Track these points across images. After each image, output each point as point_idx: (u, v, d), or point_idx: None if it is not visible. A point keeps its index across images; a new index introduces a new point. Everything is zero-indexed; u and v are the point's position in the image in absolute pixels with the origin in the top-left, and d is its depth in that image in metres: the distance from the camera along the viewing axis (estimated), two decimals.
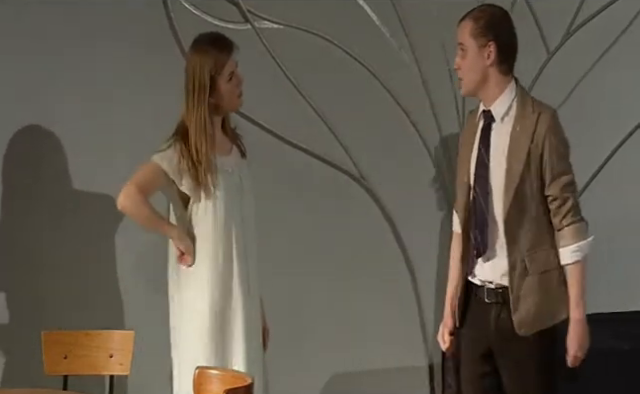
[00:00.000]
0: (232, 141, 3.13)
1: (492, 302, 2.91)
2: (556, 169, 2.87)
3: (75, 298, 3.67)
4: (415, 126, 3.98)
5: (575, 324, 2.86)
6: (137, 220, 3.06)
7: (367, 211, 3.96)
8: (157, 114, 3.72)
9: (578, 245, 2.87)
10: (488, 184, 2.90)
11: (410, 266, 4.00)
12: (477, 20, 2.91)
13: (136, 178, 3.01)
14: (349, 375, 3.93)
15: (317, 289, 3.88)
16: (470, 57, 2.90)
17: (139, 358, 3.31)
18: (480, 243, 2.90)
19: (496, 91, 2.91)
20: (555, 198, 2.87)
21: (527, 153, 2.85)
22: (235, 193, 3.07)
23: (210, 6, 3.75)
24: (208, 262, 3.04)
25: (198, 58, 3.02)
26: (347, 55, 3.88)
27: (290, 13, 3.81)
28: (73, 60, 3.67)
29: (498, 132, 2.91)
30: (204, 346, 3.02)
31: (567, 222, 2.87)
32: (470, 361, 2.99)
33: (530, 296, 2.87)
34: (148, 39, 3.71)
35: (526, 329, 2.87)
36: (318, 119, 3.89)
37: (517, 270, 2.87)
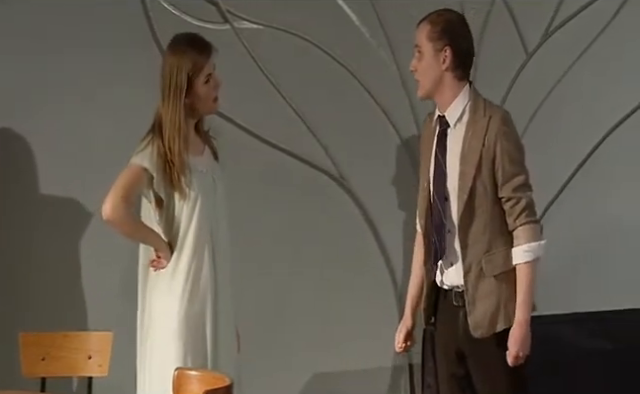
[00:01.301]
0: (205, 142, 3.10)
1: (459, 305, 2.91)
2: (508, 171, 2.86)
3: (53, 299, 3.63)
4: (394, 126, 3.97)
5: (518, 325, 2.84)
6: (123, 232, 3.01)
7: (346, 211, 3.95)
8: (136, 113, 3.68)
9: (529, 245, 2.86)
10: (445, 189, 2.90)
11: (390, 265, 3.99)
12: (434, 24, 2.91)
13: (119, 187, 2.95)
14: (329, 375, 3.91)
15: (297, 289, 3.87)
16: (426, 60, 2.91)
17: (118, 359, 3.29)
18: (438, 248, 2.90)
19: (450, 96, 2.91)
20: (508, 199, 2.87)
21: (479, 156, 2.85)
22: (209, 194, 3.04)
23: (189, 6, 3.72)
24: (180, 264, 3.00)
25: (176, 59, 2.99)
26: (326, 55, 3.87)
27: (269, 13, 3.79)
28: (51, 60, 3.64)
29: (453, 137, 2.91)
30: (174, 349, 2.98)
31: (520, 222, 2.86)
32: (444, 362, 2.99)
33: (486, 298, 2.86)
34: (127, 39, 3.68)
35: (482, 331, 2.87)
36: (297, 119, 3.88)
37: (472, 273, 2.87)
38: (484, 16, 4.01)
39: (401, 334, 3.08)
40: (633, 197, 4.10)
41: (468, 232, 2.87)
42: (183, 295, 2.99)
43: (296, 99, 3.86)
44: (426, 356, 3.04)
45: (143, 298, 3.06)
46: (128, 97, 3.67)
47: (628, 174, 4.11)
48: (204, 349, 3.02)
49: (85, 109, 3.67)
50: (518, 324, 2.85)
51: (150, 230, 3.02)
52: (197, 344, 3.00)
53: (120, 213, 2.93)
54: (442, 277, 2.94)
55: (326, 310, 3.90)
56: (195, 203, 3.00)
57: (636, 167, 4.12)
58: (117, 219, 2.94)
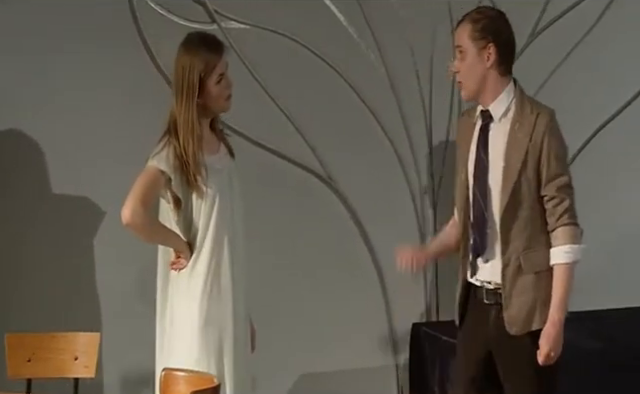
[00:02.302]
0: (220, 140, 3.09)
1: (491, 303, 2.87)
2: (553, 170, 2.84)
3: (39, 300, 3.60)
4: (382, 127, 3.96)
5: (552, 324, 2.81)
6: (144, 236, 2.98)
7: (335, 212, 3.93)
8: (123, 113, 3.68)
9: (571, 247, 2.83)
10: (487, 184, 2.87)
11: (377, 266, 3.98)
12: (476, 22, 2.87)
13: (137, 191, 2.92)
14: (317, 375, 3.90)
15: (284, 289, 3.85)
16: (469, 60, 2.87)
17: (104, 361, 3.27)
18: (479, 244, 2.87)
19: (494, 92, 2.87)
20: (551, 198, 2.84)
21: (525, 152, 2.82)
22: (226, 191, 3.03)
23: (176, 6, 3.70)
24: (199, 264, 2.99)
25: (188, 58, 2.96)
26: (314, 56, 3.86)
27: (257, 13, 3.77)
28: (36, 60, 3.61)
29: (496, 132, 2.88)
30: (196, 350, 2.96)
31: (562, 223, 2.83)
32: (465, 363, 2.96)
33: (523, 295, 2.83)
34: (113, 39, 3.65)
35: (517, 328, 2.83)
36: (285, 120, 3.86)
37: (510, 268, 2.83)
38: None
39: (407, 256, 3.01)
40: (622, 196, 4.11)
41: (510, 227, 2.83)
42: (203, 296, 2.97)
43: (284, 100, 3.84)
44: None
45: (164, 300, 3.03)
46: (114, 97, 3.65)
47: (615, 173, 4.11)
48: (225, 349, 2.99)
49: (72, 109, 3.64)
50: (552, 323, 2.81)
51: (169, 231, 3.00)
52: (218, 344, 2.98)
53: (140, 217, 2.90)
54: (475, 273, 2.90)
55: (314, 311, 3.88)
56: (213, 202, 2.98)
57: (624, 166, 4.13)
58: (137, 223, 2.92)
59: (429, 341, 3.80)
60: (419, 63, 3.97)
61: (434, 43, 3.97)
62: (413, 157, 4.01)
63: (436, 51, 3.97)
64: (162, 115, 3.63)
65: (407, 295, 3.99)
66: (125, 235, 3.53)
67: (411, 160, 4.01)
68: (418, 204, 4.03)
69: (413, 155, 4.01)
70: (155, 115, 3.66)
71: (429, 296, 4.04)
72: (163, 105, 3.66)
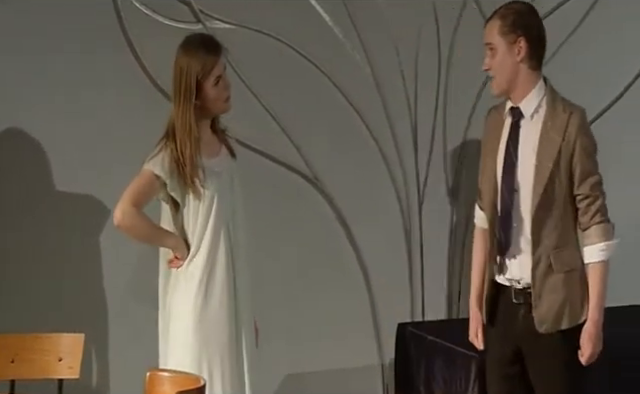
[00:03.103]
0: (221, 142, 3.09)
1: (520, 303, 2.87)
2: (586, 169, 2.83)
3: (23, 300, 3.57)
4: (367, 126, 3.95)
5: (593, 324, 2.81)
6: (136, 236, 3.01)
7: (320, 212, 3.92)
8: (108, 113, 3.65)
9: (606, 244, 2.83)
10: (515, 181, 2.85)
11: (363, 266, 3.97)
12: (505, 17, 2.86)
13: (130, 193, 2.94)
14: (303, 375, 3.88)
15: (270, 289, 3.83)
16: (500, 56, 2.86)
17: (89, 362, 3.25)
18: (503, 241, 2.86)
19: (526, 87, 2.87)
20: (585, 197, 2.84)
21: (558, 151, 2.82)
22: (225, 194, 3.04)
23: (161, 6, 3.67)
24: (196, 264, 3.00)
25: (186, 60, 2.97)
26: (299, 56, 3.84)
27: (242, 13, 3.75)
28: (21, 60, 3.58)
29: (527, 129, 2.87)
30: (190, 348, 2.98)
31: (596, 221, 2.83)
32: (497, 360, 2.94)
33: (553, 294, 2.82)
34: (98, 39, 3.62)
35: (547, 326, 2.82)
36: (271, 120, 3.84)
37: (541, 267, 2.83)
38: (456, 17, 4.01)
39: (479, 337, 3.00)
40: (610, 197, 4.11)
41: (541, 226, 2.82)
42: (198, 294, 2.99)
43: (269, 100, 3.82)
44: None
45: (164, 298, 3.06)
46: (98, 96, 3.62)
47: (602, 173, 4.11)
48: (222, 347, 3.01)
49: (55, 109, 3.61)
50: (593, 323, 2.81)
51: (165, 232, 3.01)
52: (214, 342, 3.00)
53: (130, 219, 2.93)
54: (502, 272, 2.89)
55: (299, 311, 3.87)
56: (211, 204, 2.99)
57: (610, 166, 4.13)
58: (127, 225, 2.94)
59: (415, 341, 3.80)
60: (404, 63, 3.96)
61: (419, 43, 3.96)
62: (398, 157, 4.00)
63: (421, 51, 3.97)
64: (147, 115, 3.64)
65: (392, 295, 3.98)
66: (117, 236, 3.53)
67: (396, 160, 4.00)
68: (404, 204, 4.02)
69: (398, 155, 4.00)
70: (140, 115, 3.66)
71: (414, 296, 4.04)
72: (148, 105, 3.67)
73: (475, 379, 3.43)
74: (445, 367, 3.59)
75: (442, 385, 3.60)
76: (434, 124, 4.03)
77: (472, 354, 3.46)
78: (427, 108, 4.01)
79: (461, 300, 4.09)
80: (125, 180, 3.10)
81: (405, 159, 4.02)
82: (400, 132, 3.99)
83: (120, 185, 3.11)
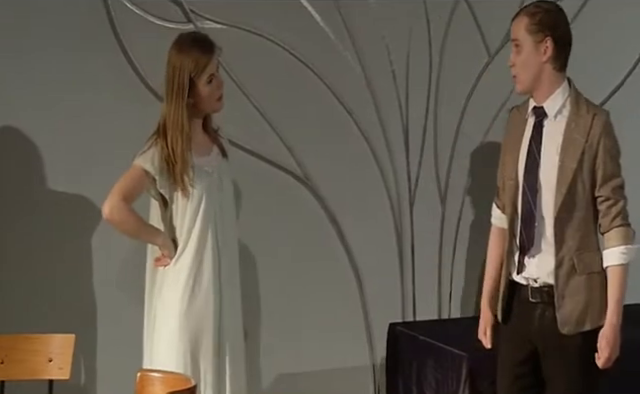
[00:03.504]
0: (213, 141, 3.08)
1: (537, 301, 2.86)
2: (609, 171, 2.83)
3: (13, 301, 3.55)
4: (359, 126, 3.95)
5: (611, 327, 2.80)
6: (124, 231, 3.02)
7: (311, 212, 3.91)
8: (98, 113, 3.63)
9: (627, 248, 2.82)
10: (538, 181, 2.84)
11: (354, 266, 3.96)
12: (533, 16, 2.85)
13: (119, 188, 2.95)
14: (294, 375, 3.87)
15: (261, 289, 3.82)
16: (526, 53, 2.84)
17: (80, 363, 3.23)
18: (525, 240, 2.84)
19: (549, 87, 2.85)
20: (606, 199, 2.83)
21: (581, 152, 2.81)
22: (214, 193, 3.03)
23: (152, 5, 3.65)
24: (183, 263, 3.00)
25: (178, 59, 2.97)
26: (291, 56, 3.83)
27: (233, 13, 3.74)
28: (10, 59, 3.55)
29: (550, 129, 2.86)
30: (175, 347, 2.98)
31: (617, 224, 2.82)
32: (509, 360, 2.94)
33: (577, 295, 2.81)
34: (89, 39, 3.60)
35: (569, 328, 2.82)
36: (262, 120, 3.83)
37: (564, 268, 2.82)
38: (447, 17, 4.01)
39: (488, 335, 3.00)
40: None
41: (564, 227, 2.81)
42: (184, 293, 2.99)
43: (260, 100, 3.81)
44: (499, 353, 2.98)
45: (150, 296, 3.06)
46: (89, 97, 3.61)
47: None
48: (207, 346, 3.00)
49: (46, 109, 3.59)
50: (611, 326, 2.80)
51: (153, 228, 3.01)
52: (199, 342, 2.99)
53: (119, 213, 2.94)
54: (521, 271, 2.88)
55: (291, 311, 3.86)
56: (199, 203, 2.99)
57: None
58: (116, 219, 2.96)
59: (406, 341, 3.79)
60: (395, 63, 3.96)
61: (410, 43, 3.96)
62: (389, 156, 4.00)
63: (412, 51, 3.97)
64: (137, 114, 3.63)
65: (384, 295, 3.98)
66: (108, 236, 3.52)
67: (387, 159, 3.99)
68: (395, 203, 4.02)
69: (390, 155, 4.00)
70: (131, 114, 3.64)
71: (406, 296, 4.03)
72: (139, 104, 3.65)
73: (466, 379, 3.43)
74: (436, 367, 3.58)
75: (433, 385, 3.59)
76: (425, 124, 4.03)
77: (463, 354, 3.46)
78: (418, 108, 4.01)
79: (452, 300, 4.09)
80: (116, 179, 3.09)
81: (396, 159, 4.01)
82: (391, 132, 3.99)
83: (111, 184, 3.10)
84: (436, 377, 3.58)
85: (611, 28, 4.16)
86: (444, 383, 3.53)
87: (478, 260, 3.98)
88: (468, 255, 4.07)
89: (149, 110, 3.59)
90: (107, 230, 3.46)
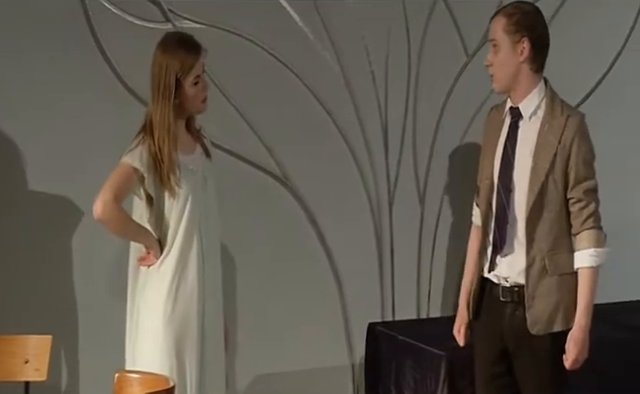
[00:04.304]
0: (196, 141, 3.08)
1: (507, 301, 2.86)
2: (581, 173, 2.82)
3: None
4: (338, 127, 3.94)
5: (579, 329, 2.80)
6: (115, 230, 2.99)
7: (290, 212, 3.90)
8: (76, 113, 3.61)
9: (596, 250, 2.81)
10: (511, 181, 2.85)
11: (333, 266, 3.95)
12: (511, 16, 2.85)
13: (109, 186, 2.93)
14: (273, 375, 3.86)
15: (239, 290, 3.80)
16: (503, 53, 2.84)
17: (57, 364, 3.20)
18: (498, 239, 2.85)
19: (525, 88, 2.86)
20: (578, 201, 2.82)
21: (554, 154, 2.81)
22: (199, 192, 3.03)
23: (130, 4, 3.62)
24: (168, 262, 2.99)
25: (165, 59, 2.96)
26: (270, 56, 3.82)
27: (212, 13, 3.72)
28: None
29: (525, 130, 2.86)
30: (159, 347, 2.96)
31: (588, 226, 2.82)
32: (483, 359, 2.94)
33: (547, 296, 2.81)
34: (66, 38, 3.58)
35: (539, 328, 2.82)
36: (241, 120, 3.81)
37: (535, 269, 2.82)
38: (425, 18, 4.01)
39: (461, 333, 3.01)
40: None
41: (535, 227, 2.81)
42: (169, 293, 2.98)
43: (239, 99, 3.79)
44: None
45: (133, 296, 3.04)
46: (67, 97, 3.58)
47: None
48: (191, 348, 2.99)
49: (23, 109, 3.56)
50: (579, 327, 2.80)
51: (141, 227, 3.00)
52: (183, 342, 2.98)
53: (111, 212, 2.91)
54: (493, 269, 2.88)
55: (270, 311, 3.84)
56: (185, 202, 2.99)
57: None
58: (108, 218, 2.93)
59: (385, 340, 3.79)
60: (374, 63, 3.95)
61: (389, 43, 3.96)
62: (369, 157, 3.99)
63: (391, 51, 3.96)
64: (116, 114, 3.60)
65: (363, 294, 3.97)
66: (89, 236, 3.50)
67: (367, 160, 3.99)
68: (374, 204, 4.02)
69: (369, 155, 3.99)
70: (109, 114, 3.62)
71: (385, 295, 4.03)
72: (117, 104, 3.63)
73: (445, 378, 3.43)
74: (415, 366, 3.58)
75: (412, 384, 3.59)
76: (404, 124, 4.03)
77: (442, 353, 3.46)
78: (397, 108, 4.01)
79: (431, 300, 4.09)
80: (95, 179, 3.06)
81: (375, 159, 4.01)
82: (370, 132, 3.98)
83: (90, 183, 3.08)
84: (415, 377, 3.58)
85: (588, 30, 4.18)
86: (423, 383, 3.53)
87: (457, 260, 3.99)
88: (447, 255, 4.08)
89: (127, 110, 3.58)
90: (88, 230, 3.45)
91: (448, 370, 3.41)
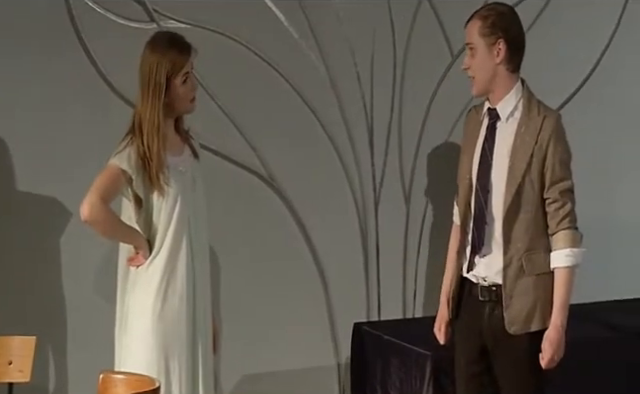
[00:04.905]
0: (184, 141, 3.07)
1: (485, 300, 2.87)
2: (557, 173, 2.83)
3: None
4: (323, 127, 3.94)
5: (554, 329, 2.81)
6: (103, 232, 2.98)
7: (276, 212, 3.89)
8: (61, 114, 3.59)
9: (572, 250, 2.82)
10: (489, 182, 2.85)
11: (319, 266, 3.95)
12: (485, 18, 2.86)
13: (97, 188, 2.91)
14: (258, 376, 3.85)
15: (225, 290, 3.79)
16: (479, 56, 2.85)
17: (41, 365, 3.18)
18: (476, 239, 2.86)
19: (503, 89, 2.86)
20: (554, 201, 2.83)
21: (530, 154, 2.82)
22: (188, 193, 3.02)
23: (114, 4, 3.61)
24: (157, 263, 2.98)
25: (156, 58, 2.95)
26: (255, 55, 3.81)
27: (197, 13, 3.70)
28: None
29: (503, 131, 2.87)
30: (149, 347, 2.95)
31: (564, 226, 2.82)
32: (463, 357, 2.94)
33: (524, 296, 2.82)
34: (50, 37, 3.56)
35: (516, 328, 2.82)
36: (226, 120, 3.80)
37: (512, 269, 2.83)
38: (410, 18, 4.01)
39: (442, 331, 3.01)
40: None
41: (512, 228, 2.82)
42: (158, 294, 2.97)
43: (225, 100, 3.79)
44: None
45: (122, 296, 3.03)
46: (51, 96, 3.56)
47: None
48: (180, 348, 2.98)
49: (7, 109, 3.54)
50: (555, 327, 2.80)
51: (129, 228, 2.98)
52: (173, 343, 2.97)
53: (98, 213, 2.90)
54: (472, 269, 2.89)
55: (255, 311, 3.83)
56: (174, 203, 2.98)
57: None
58: (96, 219, 2.91)
59: (371, 340, 3.78)
60: (360, 63, 3.95)
61: (374, 43, 3.96)
62: (354, 157, 3.99)
63: (376, 51, 3.97)
64: (100, 113, 3.59)
65: (349, 294, 3.97)
66: (75, 237, 3.48)
67: (352, 160, 3.99)
68: (360, 204, 4.02)
69: (354, 155, 3.99)
70: (93, 114, 3.60)
71: (371, 295, 4.03)
72: (99, 104, 3.62)
73: (430, 378, 3.43)
74: (400, 366, 3.58)
75: (397, 384, 3.59)
76: (390, 124, 4.03)
77: (427, 353, 3.46)
78: (383, 108, 4.01)
79: (417, 299, 4.09)
80: (81, 179, 3.05)
81: (361, 159, 4.01)
82: (356, 132, 3.98)
83: (75, 182, 3.06)
84: (400, 376, 3.58)
85: (569, 33, 4.19)
86: (408, 382, 3.53)
87: (443, 259, 3.96)
88: (432, 254, 4.08)
89: (112, 109, 3.56)
90: (76, 230, 3.43)
91: (433, 369, 3.41)
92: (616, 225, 4.26)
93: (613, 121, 4.30)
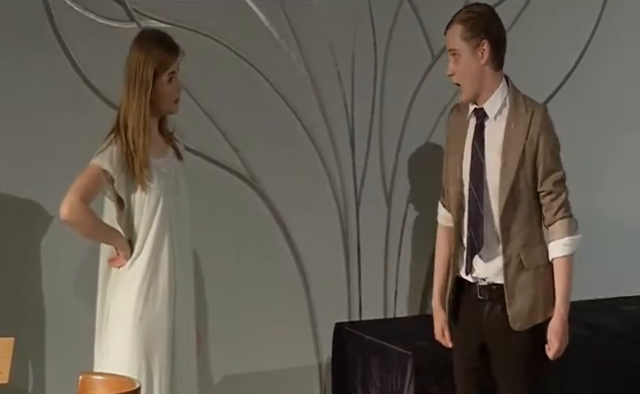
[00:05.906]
0: (168, 143, 3.05)
1: (485, 299, 2.86)
2: (549, 165, 2.84)
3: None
4: (304, 127, 3.93)
5: (559, 318, 2.82)
6: (83, 232, 2.95)
7: (257, 212, 3.88)
8: (40, 113, 3.57)
9: (570, 239, 2.84)
10: (483, 182, 2.85)
11: (300, 266, 3.94)
12: (466, 22, 2.84)
13: (77, 188, 2.89)
14: (239, 376, 3.84)
15: (207, 290, 3.78)
16: (464, 61, 2.83)
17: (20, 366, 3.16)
18: (475, 241, 2.85)
19: (490, 89, 2.86)
20: (548, 193, 2.84)
21: (522, 151, 2.82)
22: (171, 195, 3.00)
23: (94, 4, 3.59)
24: (139, 264, 2.96)
25: (143, 55, 2.93)
26: (236, 55, 3.80)
27: (177, 12, 3.68)
28: None
29: (492, 130, 2.86)
30: (129, 348, 2.94)
31: (560, 216, 2.84)
32: (462, 357, 2.94)
33: (526, 291, 2.83)
34: (28, 37, 3.53)
35: (521, 323, 2.83)
36: (208, 120, 3.79)
37: (512, 266, 2.83)
38: (391, 18, 4.02)
39: (446, 336, 2.99)
40: None
41: (509, 226, 2.82)
42: (139, 295, 2.95)
43: (206, 100, 3.77)
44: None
45: (103, 297, 3.01)
46: (29, 96, 3.53)
47: None
48: (162, 349, 2.96)
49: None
50: (560, 317, 2.82)
51: (110, 228, 2.96)
52: (154, 344, 2.95)
53: (77, 213, 2.88)
54: (470, 270, 2.88)
55: (236, 311, 3.81)
56: (157, 203, 2.96)
57: None
58: (75, 219, 2.89)
59: (352, 340, 3.78)
60: (340, 63, 3.95)
61: (355, 43, 3.96)
62: (335, 157, 3.99)
63: (357, 51, 3.97)
64: (79, 113, 3.57)
65: (330, 294, 3.96)
66: (55, 238, 3.45)
67: (333, 160, 3.98)
68: (341, 204, 4.01)
69: (335, 155, 3.99)
70: (71, 113, 3.58)
71: (352, 295, 4.03)
72: (79, 104, 3.59)
73: (411, 377, 3.43)
74: (381, 366, 3.58)
75: (378, 384, 3.59)
76: (371, 125, 4.03)
77: (408, 352, 3.47)
78: (364, 108, 4.01)
79: (398, 299, 4.10)
80: (59, 179, 3.03)
81: (342, 159, 4.01)
82: (337, 133, 3.98)
83: (54, 183, 3.04)
84: (381, 376, 3.58)
85: (552, 29, 4.21)
86: (389, 381, 3.53)
87: (424, 259, 4.00)
88: (413, 254, 4.08)
89: (92, 109, 3.54)
90: (56, 231, 3.40)
91: (414, 369, 3.42)
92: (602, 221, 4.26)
93: (595, 115, 4.32)
